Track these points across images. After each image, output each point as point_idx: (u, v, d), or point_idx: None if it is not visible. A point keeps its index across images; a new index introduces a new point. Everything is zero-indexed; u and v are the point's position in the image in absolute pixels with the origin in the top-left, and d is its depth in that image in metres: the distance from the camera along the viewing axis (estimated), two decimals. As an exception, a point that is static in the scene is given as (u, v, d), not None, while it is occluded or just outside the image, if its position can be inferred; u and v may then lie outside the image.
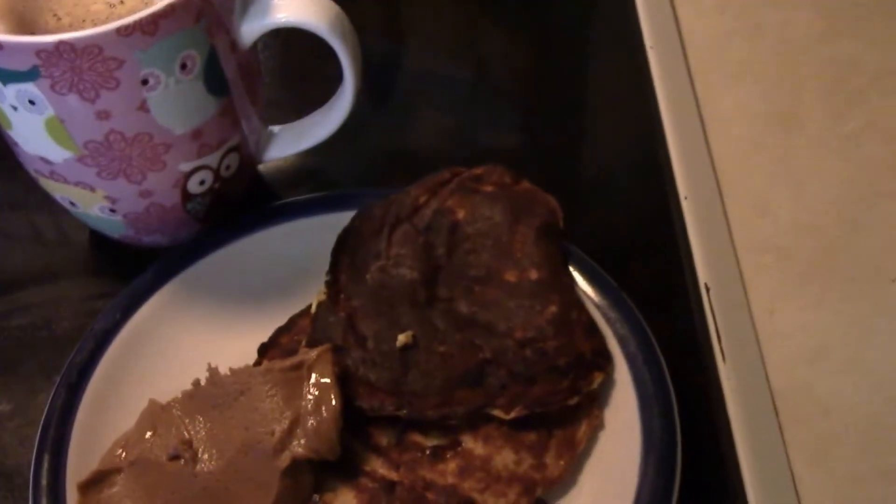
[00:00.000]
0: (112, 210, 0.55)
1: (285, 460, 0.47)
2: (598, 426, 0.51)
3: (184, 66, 0.50)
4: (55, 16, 0.51)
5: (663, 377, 0.51)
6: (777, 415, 0.51)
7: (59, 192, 0.55)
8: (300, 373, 0.49)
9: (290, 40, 0.76)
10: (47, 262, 0.63)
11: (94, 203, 0.55)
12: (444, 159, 0.60)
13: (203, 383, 0.50)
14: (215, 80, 0.53)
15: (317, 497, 0.49)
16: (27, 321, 0.60)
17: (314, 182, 0.67)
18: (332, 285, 0.55)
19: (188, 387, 0.50)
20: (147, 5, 0.47)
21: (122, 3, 0.51)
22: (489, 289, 0.53)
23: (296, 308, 0.56)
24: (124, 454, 0.49)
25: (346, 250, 0.56)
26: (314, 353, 0.50)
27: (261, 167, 0.65)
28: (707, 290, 0.57)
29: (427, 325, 0.52)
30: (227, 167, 0.57)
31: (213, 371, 0.50)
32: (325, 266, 0.56)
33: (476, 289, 0.54)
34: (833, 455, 0.47)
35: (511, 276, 0.54)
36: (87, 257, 0.64)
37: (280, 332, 0.55)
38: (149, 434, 0.49)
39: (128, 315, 0.55)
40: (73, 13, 0.51)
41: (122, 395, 0.52)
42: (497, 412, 0.50)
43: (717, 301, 0.56)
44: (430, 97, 0.74)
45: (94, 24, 0.49)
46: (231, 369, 0.50)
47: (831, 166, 0.49)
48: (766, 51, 0.58)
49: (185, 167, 0.54)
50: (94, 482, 0.48)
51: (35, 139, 0.51)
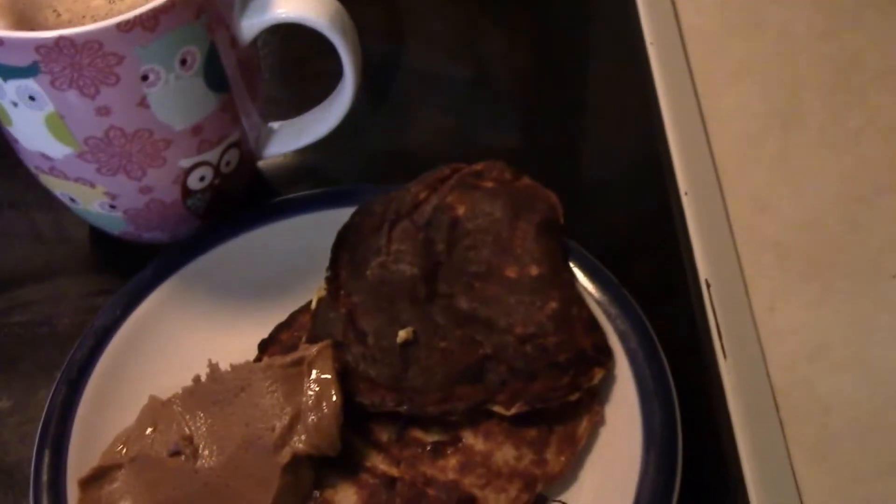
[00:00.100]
0: (112, 206, 0.55)
1: (286, 456, 0.47)
2: (598, 422, 0.51)
3: (184, 62, 0.50)
4: (55, 12, 0.51)
5: (664, 373, 0.51)
6: (778, 412, 0.51)
7: (59, 188, 0.55)
8: (300, 369, 0.49)
9: (289, 37, 0.76)
10: (47, 259, 0.63)
11: (94, 199, 0.55)
12: (443, 157, 0.60)
13: (203, 379, 0.50)
14: (215, 76, 0.53)
15: (317, 493, 0.49)
16: (27, 318, 0.60)
17: (314, 179, 0.66)
18: (333, 281, 0.55)
19: (188, 383, 0.50)
20: (147, 1, 0.47)
21: (122, -2, 0.51)
22: (489, 285, 0.53)
23: (296, 304, 0.56)
24: (125, 450, 0.49)
25: (346, 246, 0.56)
26: (314, 349, 0.50)
27: (260, 164, 0.65)
28: (707, 286, 0.57)
29: (427, 321, 0.52)
30: (227, 163, 0.57)
31: (213, 367, 0.50)
32: (325, 262, 0.55)
33: (476, 285, 0.54)
34: (834, 452, 0.47)
35: (511, 272, 0.54)
36: (86, 254, 0.64)
37: (280, 328, 0.55)
38: (149, 430, 0.49)
39: (128, 312, 0.55)
40: (73, 9, 0.51)
41: (123, 392, 0.52)
42: (497, 408, 0.50)
43: (718, 297, 0.56)
44: (430, 95, 0.74)
45: (94, 20, 0.49)
46: (231, 365, 0.50)
47: (832, 163, 0.49)
48: (766, 48, 0.58)
49: (185, 163, 0.54)
50: (95, 478, 0.48)
51: (35, 135, 0.51)
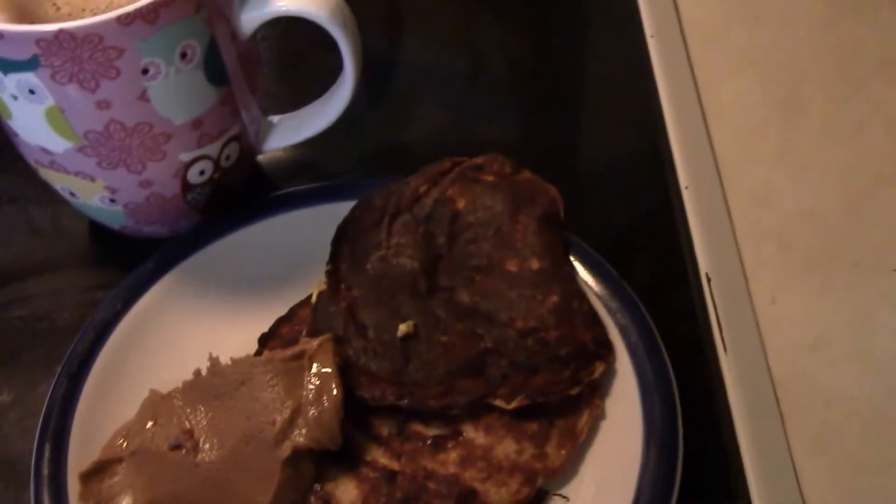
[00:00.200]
0: (112, 200, 0.55)
1: (286, 450, 0.47)
2: (599, 416, 0.51)
3: (184, 56, 0.50)
4: (54, 5, 0.51)
5: (664, 367, 0.51)
6: (779, 405, 0.51)
7: (60, 182, 0.55)
8: (301, 362, 0.49)
9: (289, 31, 0.76)
10: (47, 254, 0.63)
11: (94, 193, 0.55)
12: (444, 151, 0.60)
13: (204, 373, 0.50)
14: (215, 70, 0.52)
15: (318, 487, 0.49)
16: (28, 312, 0.60)
17: (313, 173, 0.66)
18: (333, 275, 0.55)
19: (189, 377, 0.50)
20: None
21: (121, -9, 0.51)
22: (490, 278, 0.53)
23: (296, 298, 0.56)
24: (125, 444, 0.49)
25: (346, 240, 0.56)
26: (315, 343, 0.49)
27: (260, 158, 0.65)
28: (708, 279, 0.57)
29: (428, 315, 0.52)
30: (227, 157, 0.57)
31: (214, 361, 0.50)
32: (326, 256, 0.55)
33: (477, 278, 0.54)
34: (835, 445, 0.47)
35: (512, 266, 0.54)
36: (86, 248, 0.64)
37: (281, 322, 0.55)
38: (150, 424, 0.49)
39: (128, 305, 0.55)
40: (73, 2, 0.51)
41: (123, 386, 0.52)
42: (498, 402, 0.49)
43: (718, 291, 0.56)
44: (430, 89, 0.74)
45: (94, 13, 0.49)
46: (232, 359, 0.50)
47: (833, 155, 0.49)
48: (767, 39, 0.58)
49: (186, 157, 0.54)
50: (96, 472, 0.48)
51: (35, 129, 0.51)
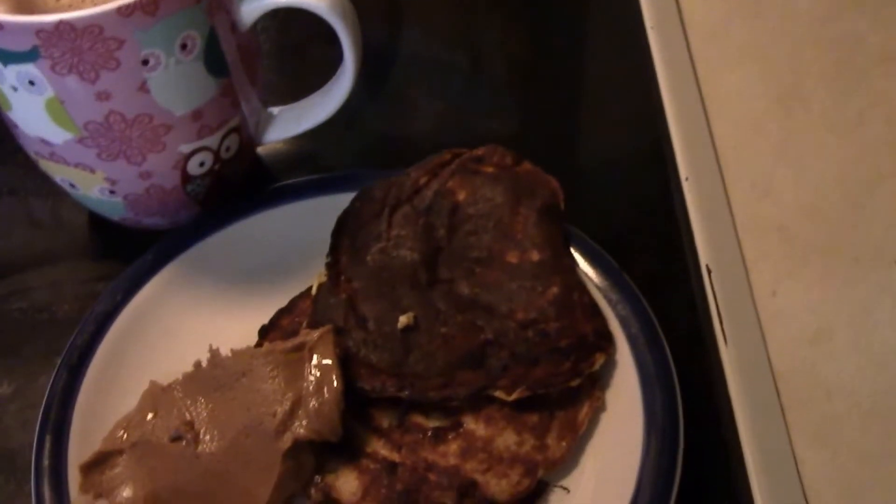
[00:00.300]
0: (112, 192, 0.55)
1: (287, 442, 0.47)
2: (599, 407, 0.51)
3: (184, 47, 0.50)
4: (54, -4, 0.51)
5: (665, 358, 0.51)
6: (779, 396, 0.51)
7: (59, 174, 0.55)
8: (301, 354, 0.49)
9: (289, 22, 0.76)
10: (47, 245, 0.63)
11: (94, 185, 0.55)
12: (443, 143, 0.60)
13: (204, 365, 0.50)
14: (215, 61, 0.52)
15: (318, 478, 0.49)
16: (28, 304, 0.60)
17: (313, 166, 0.66)
18: (333, 267, 0.54)
19: (189, 368, 0.50)
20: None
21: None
22: (490, 270, 0.53)
23: (296, 290, 0.56)
24: (126, 436, 0.49)
25: (346, 232, 0.56)
26: (315, 335, 0.49)
27: (260, 151, 0.65)
28: (708, 271, 0.57)
29: (428, 307, 0.52)
30: (227, 149, 0.57)
31: (214, 352, 0.50)
32: (326, 248, 0.55)
33: (477, 270, 0.54)
34: (835, 437, 0.47)
35: (512, 258, 0.54)
36: (86, 240, 0.63)
37: (281, 313, 0.55)
38: (150, 416, 0.49)
39: (128, 297, 0.55)
40: (73, -7, 0.51)
41: (123, 377, 0.52)
42: (499, 393, 0.49)
43: (719, 282, 0.56)
44: (430, 82, 0.74)
45: (94, 4, 0.48)
46: (232, 351, 0.50)
47: (834, 148, 0.49)
48: (767, 31, 0.58)
49: (185, 148, 0.54)
50: (96, 463, 0.48)
51: (35, 120, 0.51)
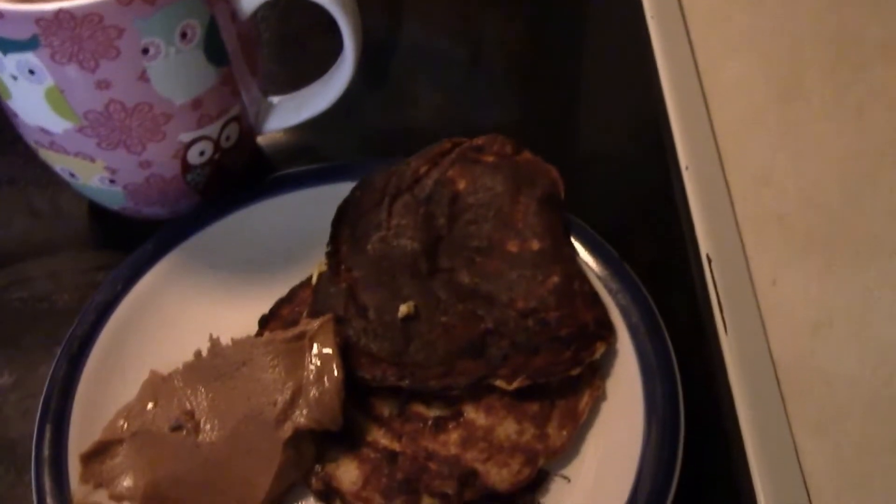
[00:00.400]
0: (112, 181, 0.55)
1: (287, 431, 0.47)
2: (600, 396, 0.51)
3: (184, 36, 0.50)
4: (54, -15, 0.50)
5: (666, 347, 0.51)
6: (780, 386, 0.51)
7: (60, 163, 0.55)
8: (302, 343, 0.49)
9: (289, 12, 0.76)
10: (47, 235, 0.63)
11: (94, 174, 0.55)
12: (443, 133, 0.60)
13: (204, 354, 0.50)
14: (215, 50, 0.52)
15: (319, 467, 0.49)
16: (28, 294, 0.60)
17: (313, 156, 0.66)
18: (333, 256, 0.54)
19: (189, 358, 0.50)
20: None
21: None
22: (491, 259, 0.53)
23: (296, 279, 0.56)
24: (126, 425, 0.49)
25: (346, 221, 0.56)
26: (316, 324, 0.49)
27: (260, 141, 0.65)
28: (709, 260, 0.57)
29: (429, 296, 0.52)
30: (227, 138, 0.57)
31: (214, 342, 0.50)
32: (326, 237, 0.55)
33: (477, 259, 0.53)
34: (836, 426, 0.47)
35: (513, 247, 0.54)
36: (86, 230, 0.63)
37: (281, 303, 0.55)
38: (150, 405, 0.49)
39: (128, 287, 0.55)
40: (72, -18, 0.50)
41: (124, 367, 0.52)
42: (499, 383, 0.49)
43: (719, 272, 0.56)
44: (430, 72, 0.74)
45: (94, -8, 0.48)
46: (233, 340, 0.50)
47: (834, 137, 0.49)
48: (767, 21, 0.57)
49: (185, 138, 0.54)
50: (97, 453, 0.48)
51: (35, 110, 0.51)
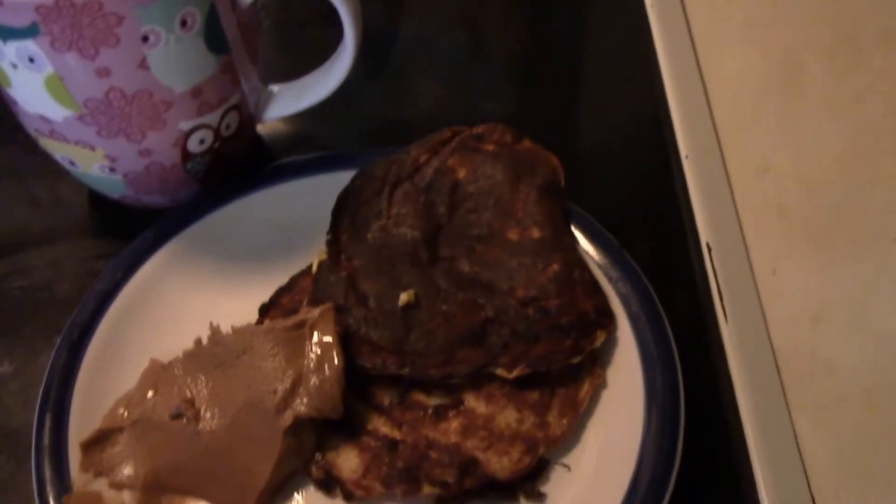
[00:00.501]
0: (112, 169, 0.55)
1: (288, 419, 0.47)
2: (600, 385, 0.51)
3: (184, 23, 0.50)
4: (53, -28, 0.50)
5: (666, 336, 0.51)
6: (780, 375, 0.51)
7: (59, 151, 0.55)
8: (302, 332, 0.49)
9: (288, 1, 0.76)
10: (47, 224, 0.63)
11: (93, 162, 0.55)
12: (444, 122, 0.60)
13: (205, 343, 0.50)
14: (215, 38, 0.52)
15: (319, 456, 0.49)
16: (28, 283, 0.60)
17: (313, 146, 0.66)
18: (333, 245, 0.54)
19: (189, 346, 0.50)
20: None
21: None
22: (491, 248, 0.53)
23: (296, 268, 0.56)
24: (126, 413, 0.49)
25: (346, 210, 0.56)
26: (316, 312, 0.49)
27: (260, 130, 0.65)
28: (709, 249, 0.57)
29: (429, 285, 0.52)
30: (227, 126, 0.57)
31: (214, 330, 0.50)
32: (326, 226, 0.55)
33: (478, 248, 0.53)
34: (836, 415, 0.47)
35: (513, 235, 0.54)
36: (86, 219, 0.63)
37: (281, 291, 0.55)
38: (150, 394, 0.49)
39: (128, 275, 0.55)
40: (72, -31, 0.50)
41: (124, 355, 0.52)
42: (500, 371, 0.49)
43: (719, 261, 0.56)
44: (430, 61, 0.74)
45: (93, -20, 0.48)
46: (233, 328, 0.50)
47: (834, 126, 0.49)
48: (767, 10, 0.57)
49: (185, 126, 0.54)
50: (97, 441, 0.48)
51: (35, 97, 0.51)
